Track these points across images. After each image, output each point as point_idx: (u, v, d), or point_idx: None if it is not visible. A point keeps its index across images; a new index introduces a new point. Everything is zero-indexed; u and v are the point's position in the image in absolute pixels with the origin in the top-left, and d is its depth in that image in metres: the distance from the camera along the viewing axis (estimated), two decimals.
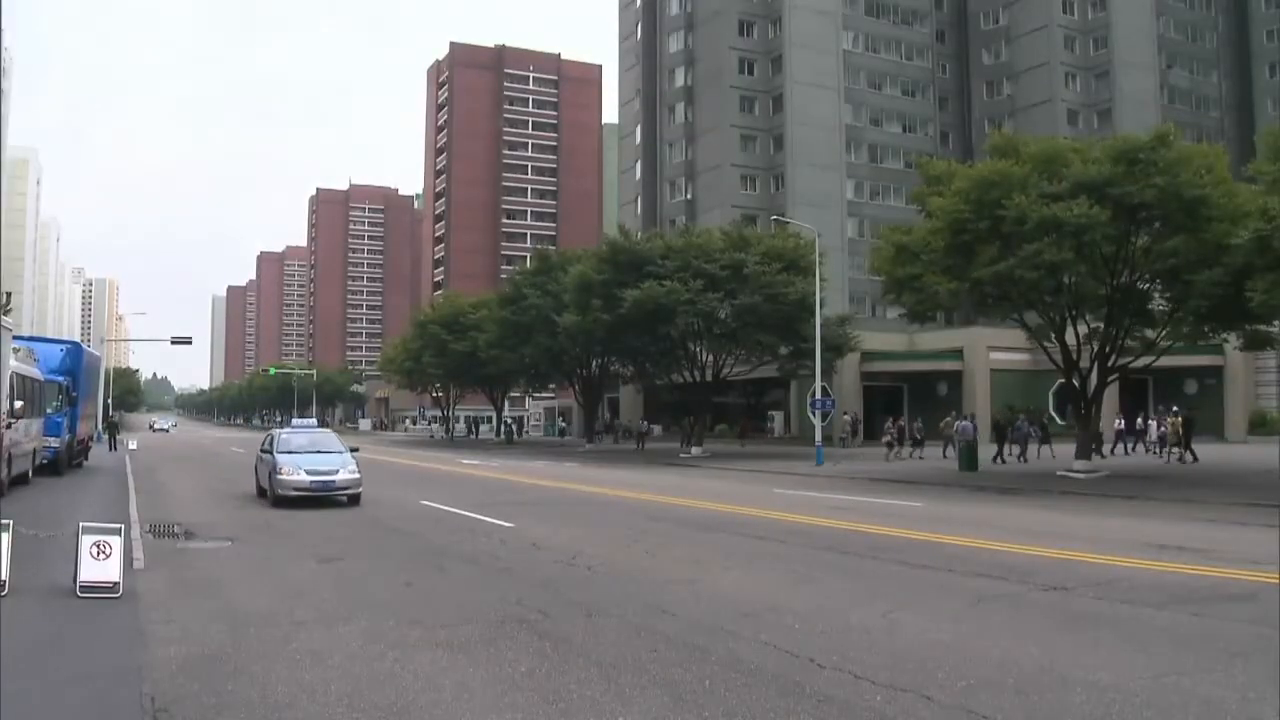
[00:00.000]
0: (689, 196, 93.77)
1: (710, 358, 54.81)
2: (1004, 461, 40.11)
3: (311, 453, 24.27)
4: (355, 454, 25.10)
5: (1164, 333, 33.39)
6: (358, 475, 23.76)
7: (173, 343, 76.14)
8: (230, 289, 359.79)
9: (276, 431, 27.23)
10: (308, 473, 23.01)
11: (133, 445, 51.38)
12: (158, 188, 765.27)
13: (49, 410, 30.04)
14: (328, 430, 29.75)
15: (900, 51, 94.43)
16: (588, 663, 9.19)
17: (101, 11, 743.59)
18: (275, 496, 23.06)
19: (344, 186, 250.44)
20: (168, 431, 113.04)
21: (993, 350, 59.79)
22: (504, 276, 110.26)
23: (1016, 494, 28.34)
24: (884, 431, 46.49)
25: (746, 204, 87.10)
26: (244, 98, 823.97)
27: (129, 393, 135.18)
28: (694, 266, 49.19)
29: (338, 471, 23.43)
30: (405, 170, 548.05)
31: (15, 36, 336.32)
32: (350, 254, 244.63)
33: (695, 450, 52.45)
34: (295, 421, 33.12)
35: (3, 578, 11.42)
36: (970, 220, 29.72)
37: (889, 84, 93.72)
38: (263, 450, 25.75)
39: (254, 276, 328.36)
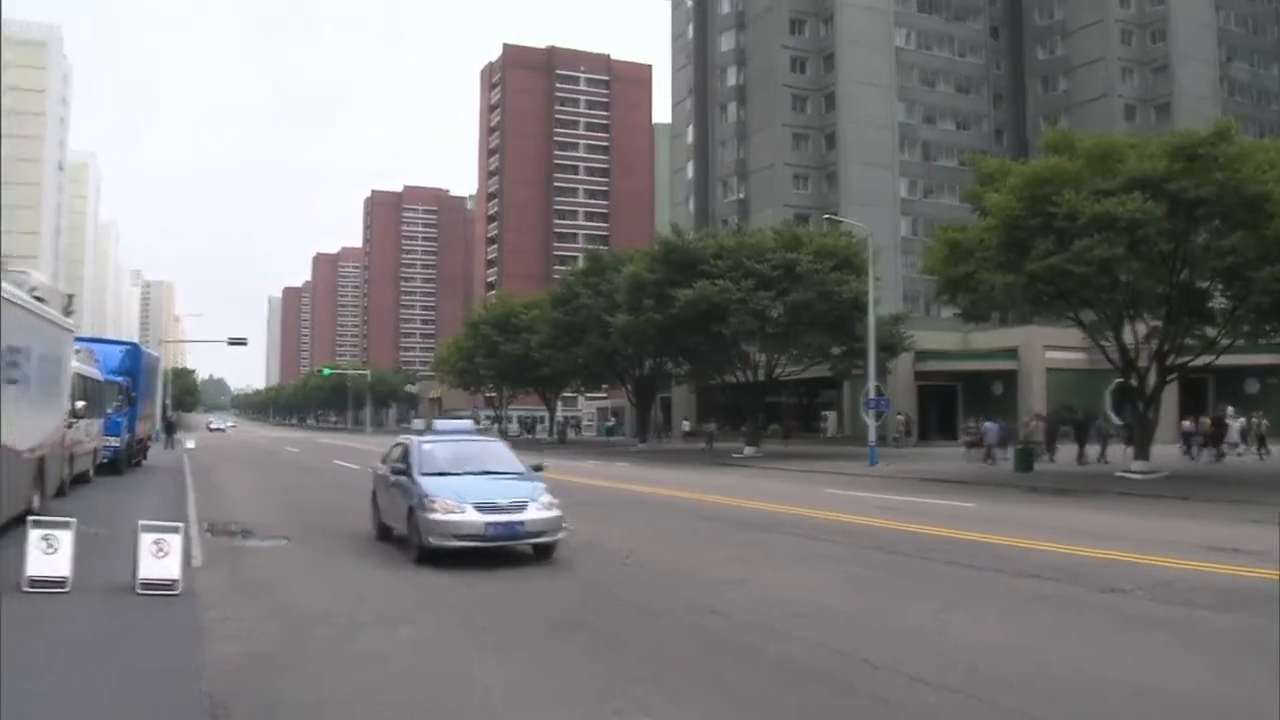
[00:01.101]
0: (741, 196, 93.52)
1: (763, 357, 54.66)
2: (1053, 460, 39.67)
3: (476, 475, 15.75)
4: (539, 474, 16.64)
5: (1224, 331, 32.92)
6: (556, 513, 15.15)
7: (230, 344, 76.94)
8: (286, 290, 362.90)
9: (412, 441, 17.35)
10: (478, 509, 14.51)
11: (190, 445, 52.03)
12: (214, 192, 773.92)
13: (109, 410, 30.39)
14: (494, 438, 20.59)
15: (953, 48, 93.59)
16: (641, 663, 9.22)
17: (157, 20, 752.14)
18: (425, 547, 14.59)
19: (397, 188, 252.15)
20: (224, 431, 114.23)
21: (1049, 349, 59.10)
22: (555, 277, 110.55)
23: (1072, 495, 28.02)
24: (963, 431, 45.21)
25: (798, 203, 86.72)
26: (299, 102, 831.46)
27: (186, 393, 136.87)
28: (746, 266, 49.04)
29: (525, 506, 14.85)
30: (458, 171, 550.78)
31: (76, 47, 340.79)
32: (403, 255, 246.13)
33: (748, 450, 52.31)
34: (439, 424, 20.62)
35: (66, 574, 11.60)
36: (1024, 217, 29.45)
37: (942, 81, 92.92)
38: (392, 471, 16.86)
39: (309, 278, 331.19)
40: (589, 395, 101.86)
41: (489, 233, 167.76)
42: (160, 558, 11.83)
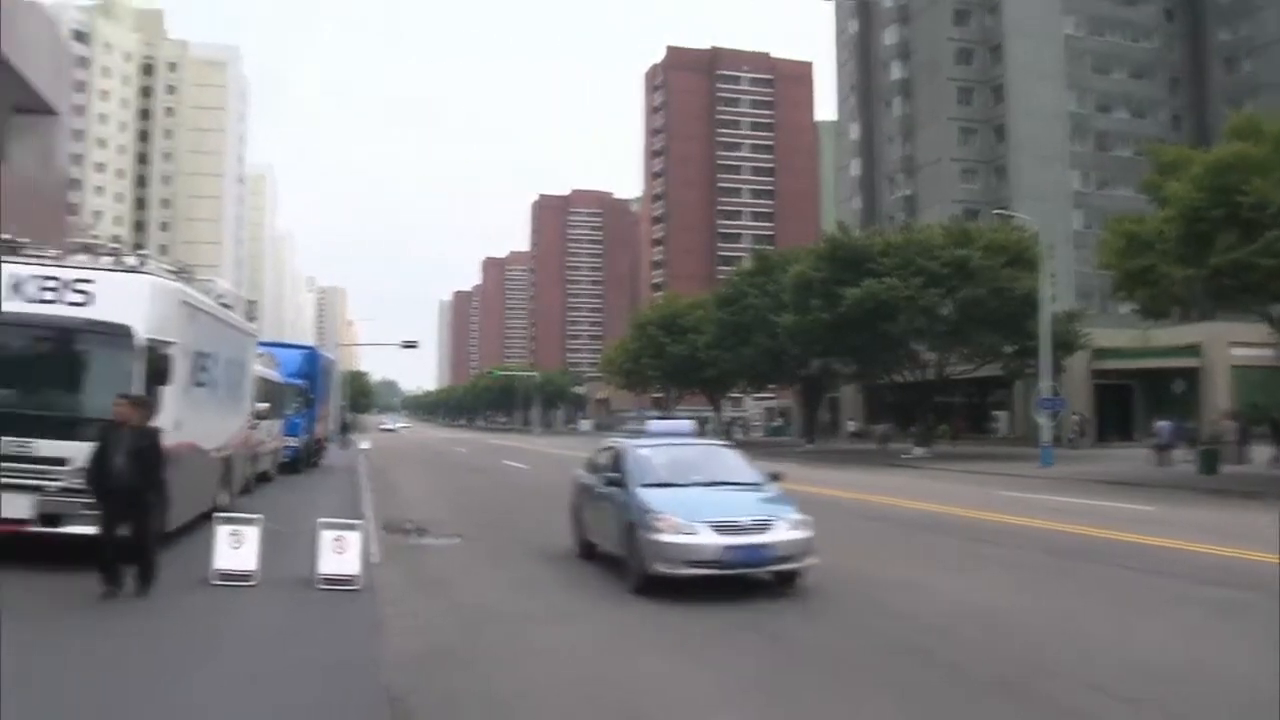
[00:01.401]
0: (908, 192, 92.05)
1: (933, 356, 53.73)
2: (1245, 462, 37.90)
3: (705, 486, 13.28)
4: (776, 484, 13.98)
5: None
6: (806, 533, 12.55)
7: (403, 346, 78.58)
8: (456, 294, 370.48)
9: (624, 445, 14.85)
10: (716, 529, 12.00)
11: (365, 445, 53.39)
12: (384, 200, 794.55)
13: (289, 412, 31.37)
14: (718, 442, 16.92)
15: (1126, 33, 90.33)
16: (812, 664, 9.16)
17: (327, 39, 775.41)
18: (648, 574, 12.23)
19: (564, 192, 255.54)
20: (396, 432, 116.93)
21: (1234, 346, 56.68)
22: (720, 277, 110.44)
23: (1259, 499, 26.73)
24: (1153, 432, 43.16)
25: (967, 198, 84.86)
26: (466, 110, 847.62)
27: (360, 394, 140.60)
28: (915, 263, 48.27)
29: (770, 525, 12.27)
30: (623, 174, 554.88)
31: (253, 66, 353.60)
32: (569, 257, 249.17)
33: (917, 451, 51.45)
34: (654, 425, 17.06)
35: (252, 569, 12.04)
36: (1206, 207, 28.28)
37: (1116, 67, 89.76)
38: (605, 481, 14.31)
39: (479, 281, 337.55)
40: (755, 396, 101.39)
41: (654, 234, 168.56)
42: (340, 554, 12.21)
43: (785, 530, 12.36)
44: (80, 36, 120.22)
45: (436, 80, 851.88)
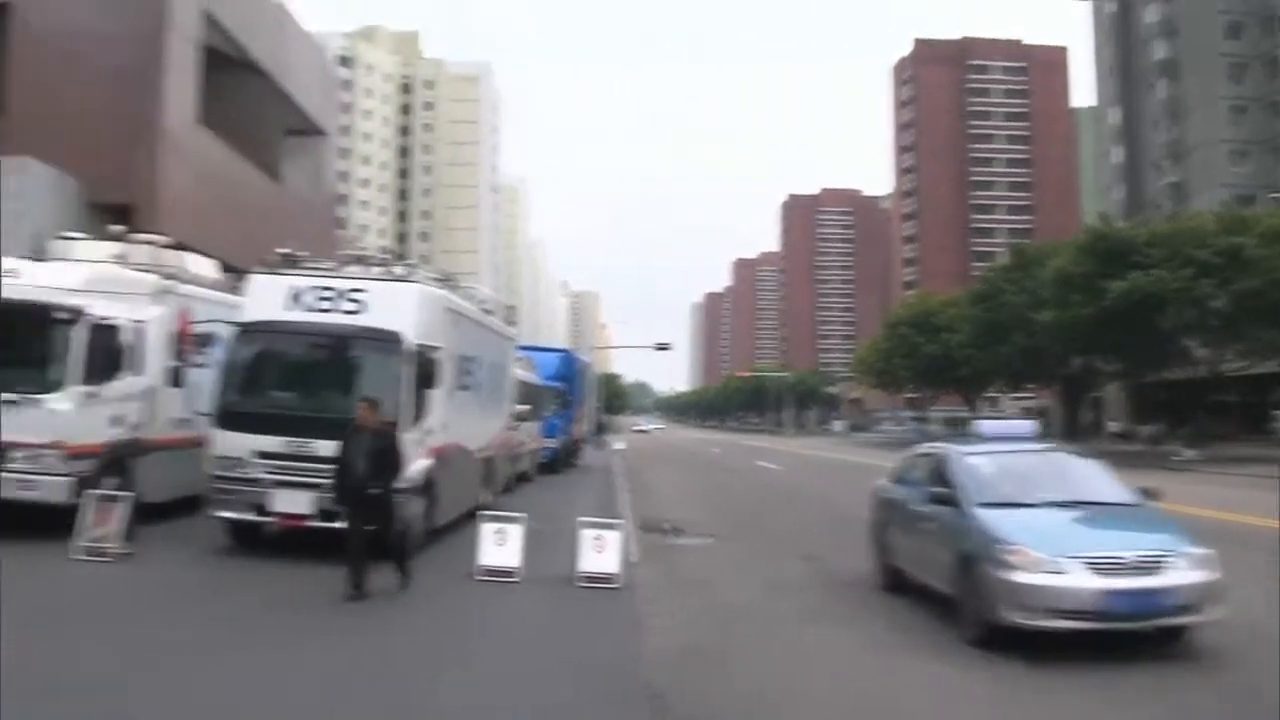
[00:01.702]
0: (1175, 179, 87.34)
1: (1205, 353, 50.95)
2: None
3: (1063, 507, 10.67)
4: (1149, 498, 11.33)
5: None
6: (1213, 574, 9.69)
7: (656, 349, 79.52)
8: (708, 295, 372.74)
9: (950, 451, 12.22)
10: (1092, 567, 9.40)
11: (620, 446, 54.22)
12: (634, 204, 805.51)
13: (547, 413, 32.15)
14: (1068, 449, 14.09)
15: None
16: (1077, 671, 8.83)
17: (573, 49, 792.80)
18: (993, 622, 9.63)
19: (812, 191, 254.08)
20: (648, 433, 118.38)
21: None
22: (975, 274, 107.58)
23: None
24: None
25: (1239, 183, 79.66)
26: (713, 112, 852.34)
27: (614, 396, 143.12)
28: (1184, 254, 45.87)
29: (1162, 564, 9.58)
30: (873, 171, 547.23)
31: (504, 80, 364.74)
32: (819, 256, 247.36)
33: (1188, 453, 48.75)
34: (985, 428, 13.36)
35: (516, 565, 12.43)
36: None
37: None
38: (930, 498, 11.56)
39: (730, 283, 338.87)
40: (1013, 396, 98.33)
41: (905, 231, 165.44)
42: (600, 553, 12.46)
43: (1185, 570, 9.43)
44: (344, 61, 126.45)
45: (684, 85, 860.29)
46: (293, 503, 12.94)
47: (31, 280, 14.26)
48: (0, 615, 8.85)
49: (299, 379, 14.25)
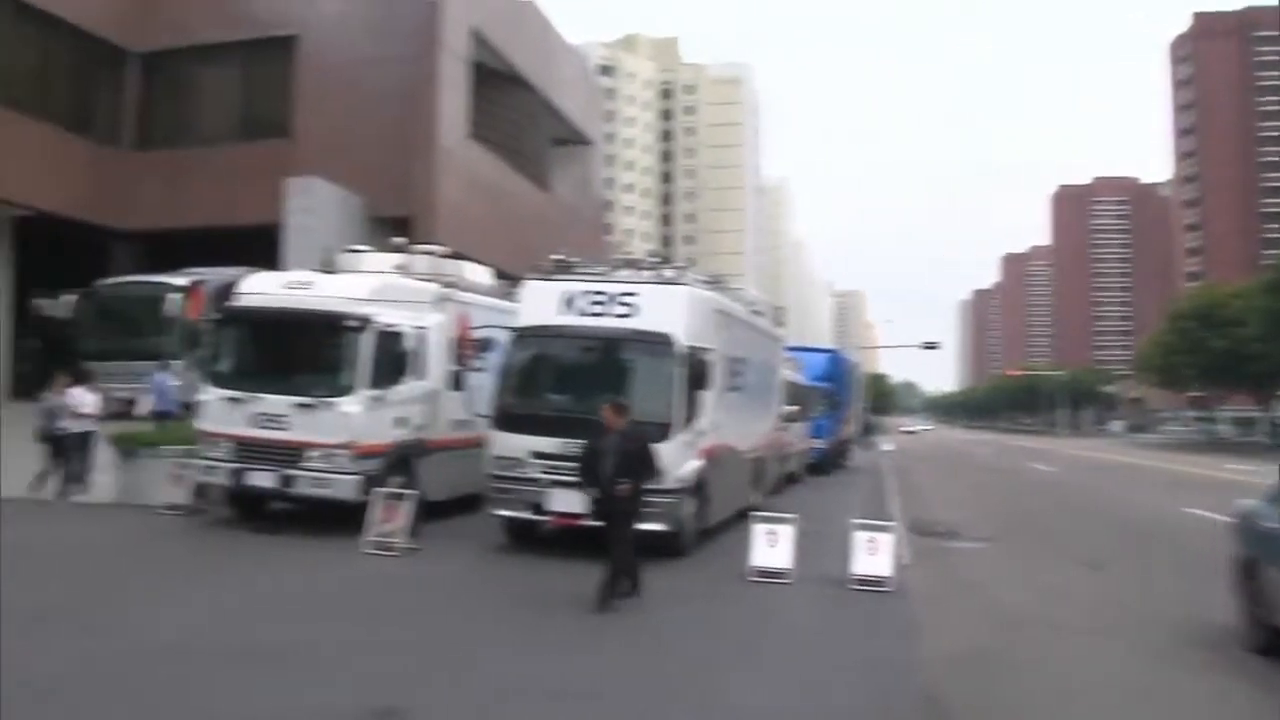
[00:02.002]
0: None
1: None
2: None
3: None
4: None
5: None
6: None
7: (923, 348, 77.90)
8: (975, 292, 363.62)
9: None
10: None
11: (887, 447, 53.53)
12: (897, 201, 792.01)
13: (814, 414, 31.93)
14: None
15: None
16: None
17: (831, 45, 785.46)
18: None
19: (1084, 180, 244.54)
20: (916, 434, 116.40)
21: None
22: (1267, 262, 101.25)
23: None
24: None
25: None
26: (973, 102, 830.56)
27: (880, 396, 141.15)
28: None
29: None
30: (1149, 158, 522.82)
31: (764, 81, 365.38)
32: (1094, 249, 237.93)
33: None
34: None
35: (787, 567, 12.36)
36: None
37: None
38: None
39: (999, 279, 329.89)
40: None
41: (1187, 219, 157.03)
42: (872, 555, 12.27)
43: None
44: (605, 70, 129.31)
45: (947, 75, 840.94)
46: (568, 502, 13.20)
47: (323, 291, 15.08)
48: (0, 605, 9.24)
49: (573, 381, 14.60)
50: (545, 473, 13.43)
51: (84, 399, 17.30)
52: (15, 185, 28.29)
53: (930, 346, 78.29)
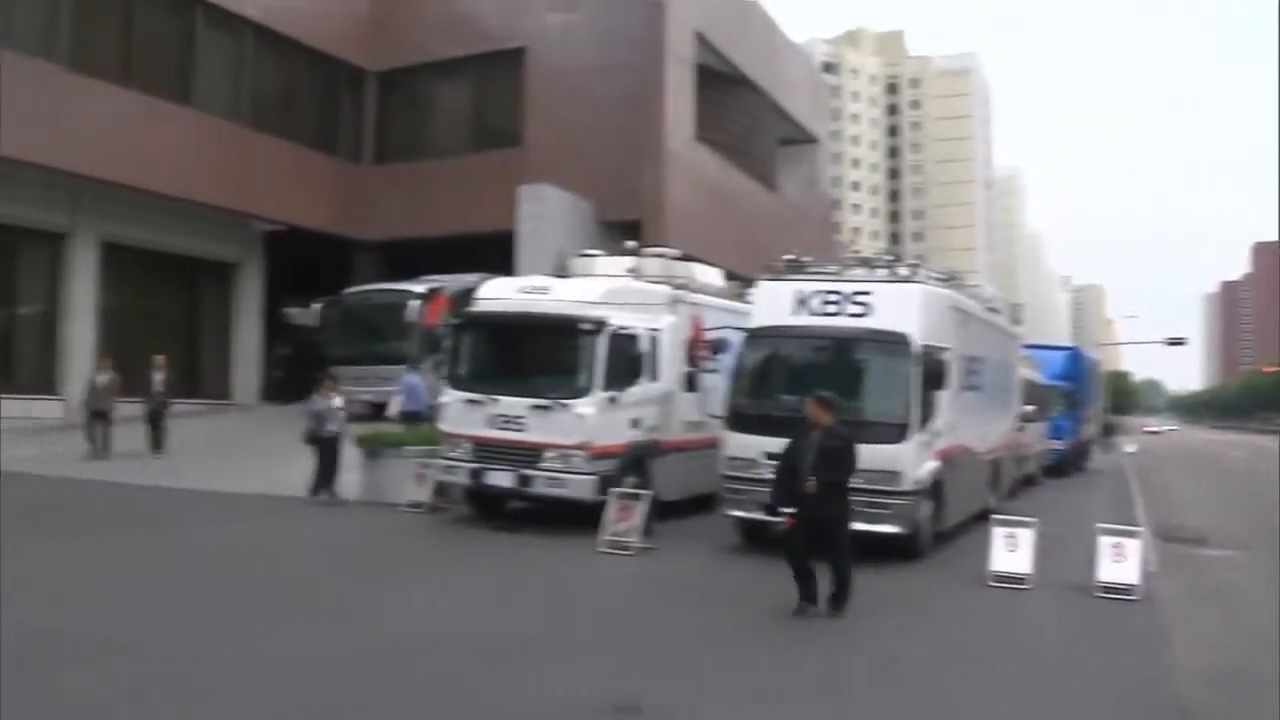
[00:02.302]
0: None
1: None
2: None
3: None
4: None
5: None
6: None
7: (1168, 344, 74.30)
8: (1224, 284, 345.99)
9: None
10: None
11: (1129, 448, 51.40)
12: (1138, 191, 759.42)
13: (1052, 414, 31.01)
14: None
15: None
16: None
17: (1064, 30, 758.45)
18: None
19: None
20: (1159, 434, 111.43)
21: None
22: None
23: None
24: None
25: None
26: (1224, 83, 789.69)
27: (1122, 395, 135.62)
28: None
29: None
30: None
31: (993, 69, 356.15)
32: None
33: None
34: None
35: (1027, 571, 12.01)
36: None
37: None
38: None
39: (1249, 269, 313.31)
40: None
41: None
42: (1118, 561, 11.82)
43: None
44: (828, 67, 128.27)
45: (1187, 57, 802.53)
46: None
47: (558, 295, 15.45)
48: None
49: (807, 382, 14.44)
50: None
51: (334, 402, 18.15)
52: (267, 202, 30.07)
53: (1175, 342, 74.60)
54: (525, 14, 31.23)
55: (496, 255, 25.99)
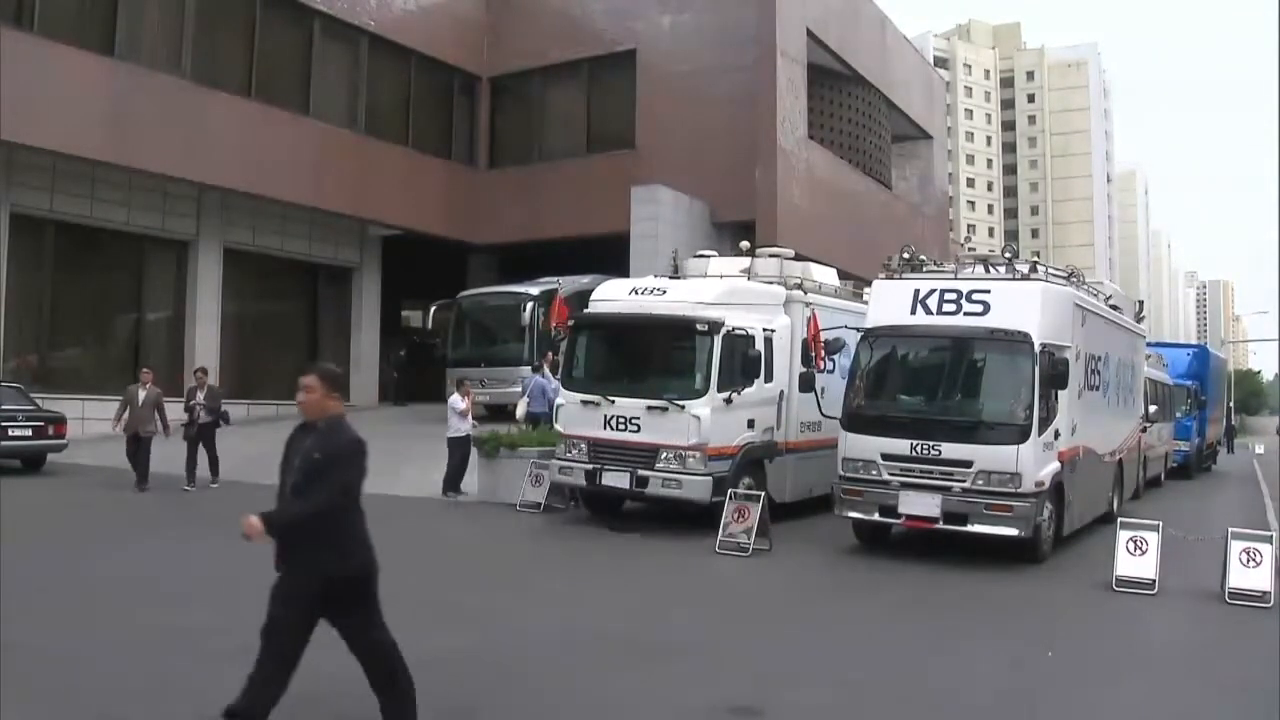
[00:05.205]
0: None
1: None
2: None
3: None
4: None
5: None
6: None
7: None
8: None
9: None
10: None
11: (1259, 449, 49.85)
12: (1264, 185, 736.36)
13: (1178, 414, 30.30)
14: None
15: None
16: None
17: (1189, 19, 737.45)
18: None
19: None
20: None
21: None
22: None
23: None
24: None
25: None
26: None
27: (1251, 394, 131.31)
28: None
29: None
30: None
31: (1113, 60, 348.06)
32: None
33: None
34: None
35: (1153, 576, 11.74)
36: None
37: None
38: None
39: None
40: None
41: None
42: (1250, 567, 11.46)
43: None
44: (940, 62, 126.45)
45: None
46: (919, 505, 13.05)
47: (673, 296, 15.47)
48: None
49: (925, 382, 14.37)
50: (896, 475, 13.28)
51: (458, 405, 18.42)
52: (385, 207, 30.69)
53: None
54: (635, 16, 31.31)
55: (610, 257, 26.17)
